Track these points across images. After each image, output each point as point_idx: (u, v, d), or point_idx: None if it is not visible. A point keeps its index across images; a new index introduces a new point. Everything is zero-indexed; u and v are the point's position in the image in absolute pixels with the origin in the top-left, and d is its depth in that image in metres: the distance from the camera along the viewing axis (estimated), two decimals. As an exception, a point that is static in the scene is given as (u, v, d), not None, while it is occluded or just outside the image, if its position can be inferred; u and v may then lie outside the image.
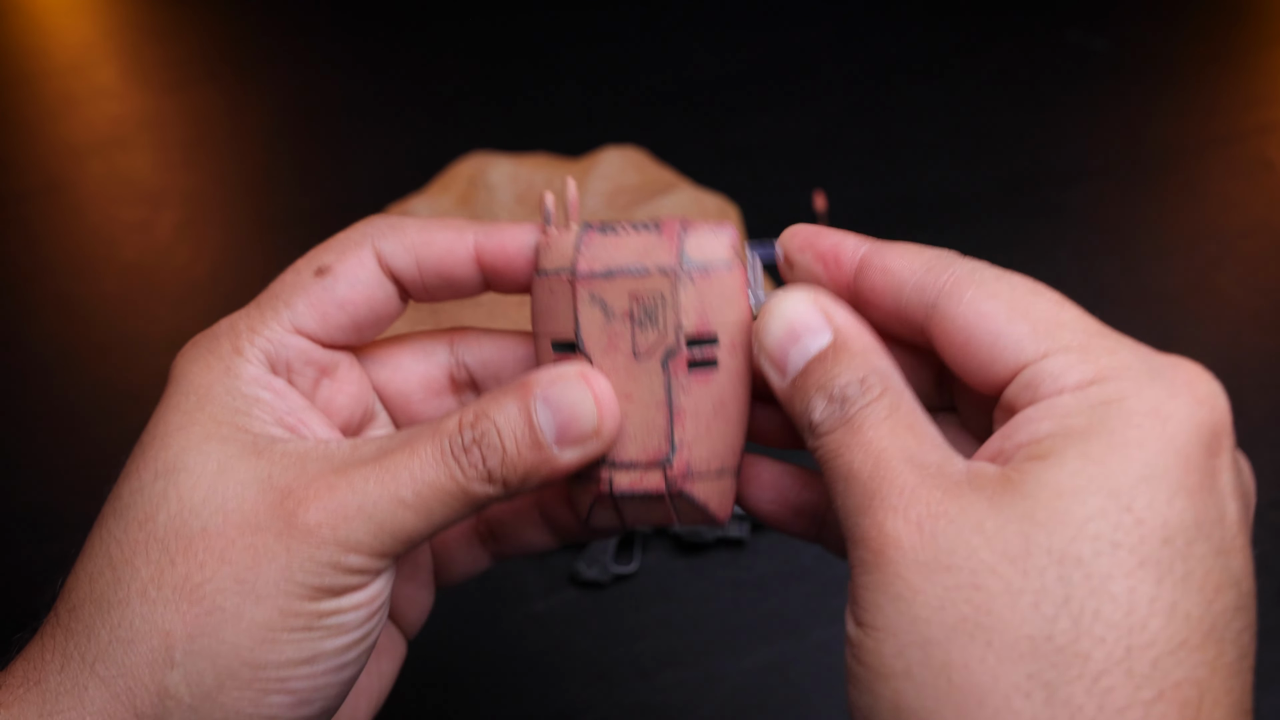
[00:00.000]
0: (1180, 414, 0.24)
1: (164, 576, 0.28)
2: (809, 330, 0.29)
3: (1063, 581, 0.22)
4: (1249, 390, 0.67)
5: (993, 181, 0.82)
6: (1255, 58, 0.92)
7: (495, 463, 0.30)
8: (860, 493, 0.25)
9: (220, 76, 0.98)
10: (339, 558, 0.28)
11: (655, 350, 0.31)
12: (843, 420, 0.27)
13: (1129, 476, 0.23)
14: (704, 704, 0.55)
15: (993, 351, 0.26)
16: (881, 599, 0.24)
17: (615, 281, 0.31)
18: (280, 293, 0.32)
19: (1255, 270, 0.74)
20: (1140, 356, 0.25)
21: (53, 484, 0.66)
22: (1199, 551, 0.23)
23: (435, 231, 0.33)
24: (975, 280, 0.27)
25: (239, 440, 0.30)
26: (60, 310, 0.77)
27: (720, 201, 0.77)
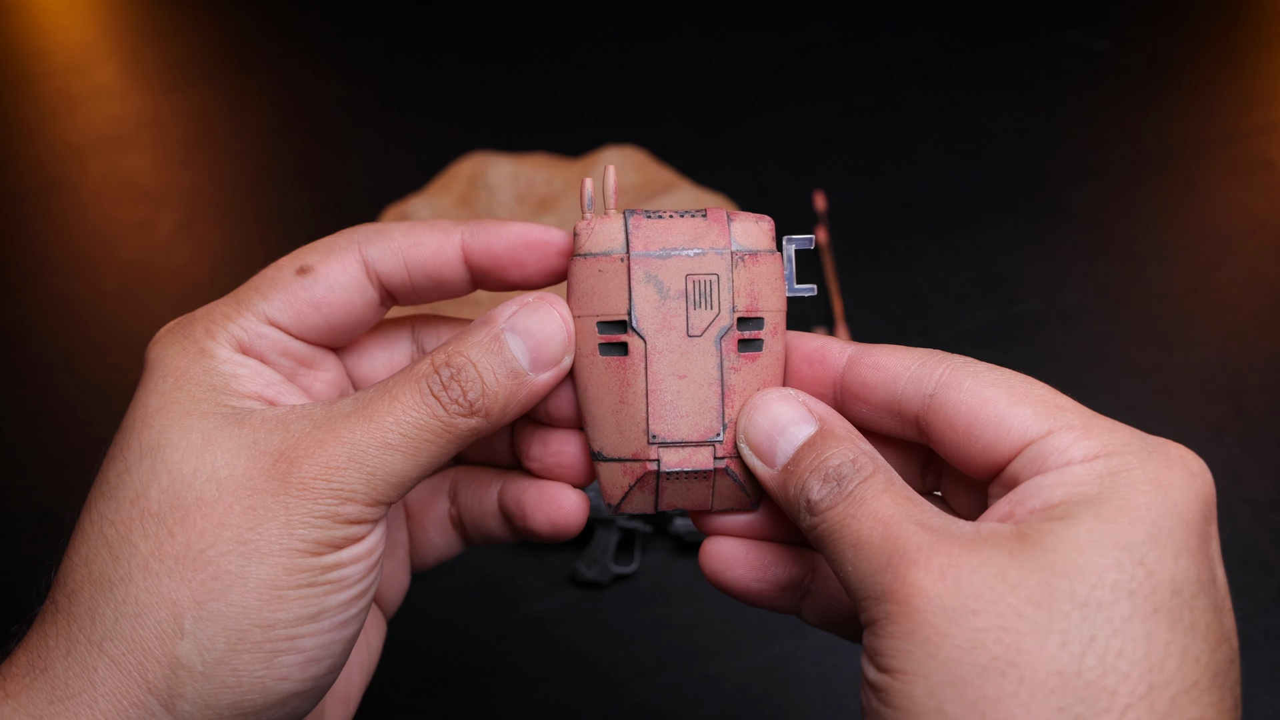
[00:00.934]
0: (1179, 484, 0.26)
1: (164, 548, 0.29)
2: (794, 421, 0.31)
3: (1087, 623, 0.24)
4: (1249, 390, 0.67)
5: (993, 181, 0.82)
6: (1255, 58, 0.92)
7: (475, 394, 0.31)
8: (874, 555, 0.27)
9: (220, 76, 0.98)
10: (336, 508, 0.29)
11: (710, 329, 0.32)
12: (843, 496, 0.28)
13: (1139, 535, 0.25)
14: (704, 704, 0.55)
15: (998, 432, 0.28)
16: (910, 645, 0.25)
17: (671, 262, 0.32)
18: (259, 285, 0.33)
19: (1255, 270, 0.74)
20: (1137, 435, 0.28)
21: (53, 484, 0.66)
22: (1201, 605, 0.25)
23: (422, 234, 0.33)
24: (971, 371, 0.30)
25: (219, 413, 0.30)
26: (60, 310, 0.77)
27: (720, 201, 0.77)
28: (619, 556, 0.60)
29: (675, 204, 0.74)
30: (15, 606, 0.61)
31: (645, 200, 0.74)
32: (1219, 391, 0.67)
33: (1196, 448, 0.29)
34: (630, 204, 0.74)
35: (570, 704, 0.55)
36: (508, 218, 0.73)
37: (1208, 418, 0.65)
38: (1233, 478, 0.62)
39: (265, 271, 0.33)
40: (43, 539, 0.63)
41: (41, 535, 0.63)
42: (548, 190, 0.76)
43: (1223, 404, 0.66)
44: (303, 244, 0.34)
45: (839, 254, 0.76)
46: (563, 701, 0.55)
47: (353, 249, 0.33)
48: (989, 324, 0.72)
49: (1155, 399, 0.66)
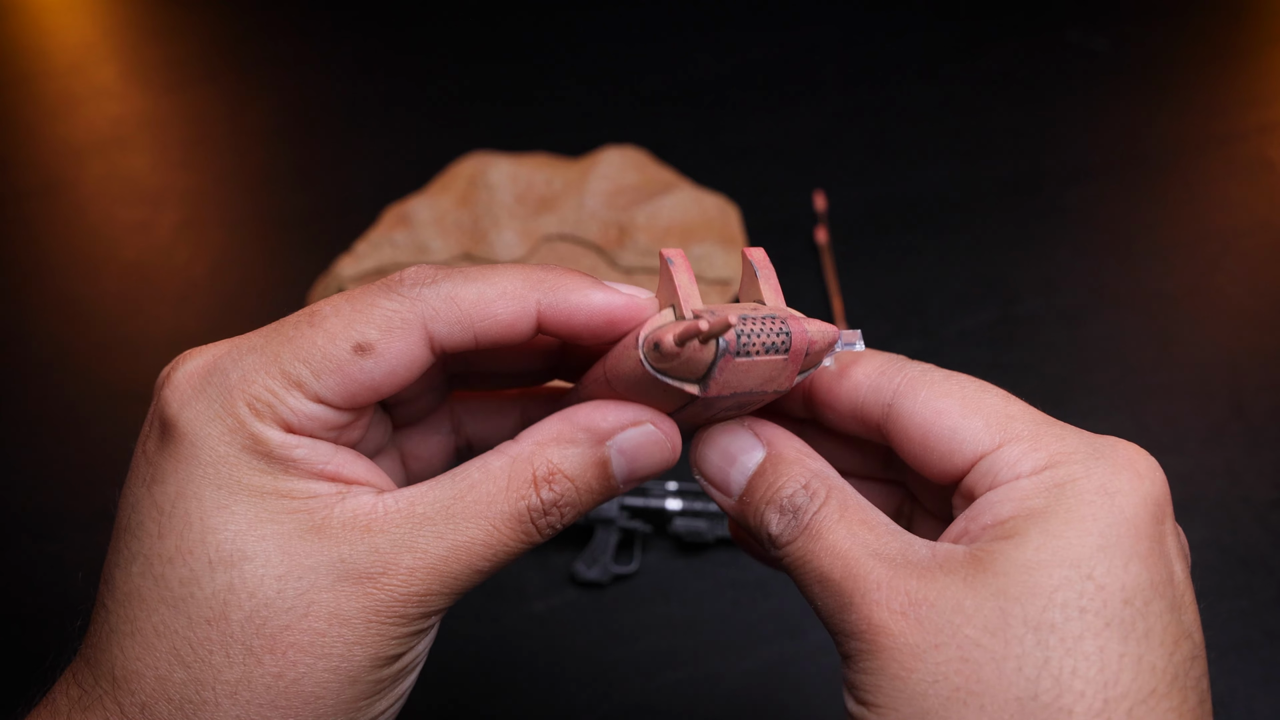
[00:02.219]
0: (1125, 489, 0.27)
1: (253, 677, 0.28)
2: (742, 449, 0.31)
3: (1040, 646, 0.25)
4: (1249, 390, 0.67)
5: (993, 181, 0.82)
6: (1255, 58, 0.92)
7: (571, 517, 0.31)
8: (837, 594, 0.28)
9: (220, 76, 0.98)
10: (421, 625, 0.30)
11: (729, 415, 0.32)
12: (800, 529, 0.29)
13: (1087, 548, 0.26)
14: (704, 704, 0.55)
15: (950, 445, 0.29)
16: (881, 681, 0.26)
17: (734, 399, 0.31)
18: (310, 358, 0.29)
19: (1255, 270, 0.74)
20: (1085, 440, 0.28)
21: (53, 484, 0.66)
22: (1156, 609, 0.26)
23: (495, 302, 0.30)
24: (927, 381, 0.30)
25: (293, 516, 0.29)
26: (60, 310, 0.77)
27: (720, 201, 0.77)
28: (619, 556, 0.60)
29: (675, 204, 0.74)
30: (14, 607, 0.61)
31: (645, 200, 0.74)
32: (1219, 391, 0.67)
33: (1196, 448, 0.29)
34: (630, 204, 0.74)
35: (570, 704, 0.55)
36: (508, 218, 0.73)
37: (1208, 418, 0.65)
38: (1233, 478, 0.62)
39: (314, 337, 0.29)
40: (43, 539, 0.63)
41: (42, 535, 0.63)
42: (548, 190, 0.76)
43: (1223, 404, 0.66)
44: (303, 244, 0.33)
45: (839, 254, 0.76)
46: (563, 701, 0.55)
47: (417, 324, 0.29)
48: (989, 324, 0.72)
49: (1155, 399, 0.66)
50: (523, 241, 0.73)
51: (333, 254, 0.76)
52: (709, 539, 0.60)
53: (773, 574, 0.59)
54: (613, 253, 0.72)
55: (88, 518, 0.64)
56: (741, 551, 0.60)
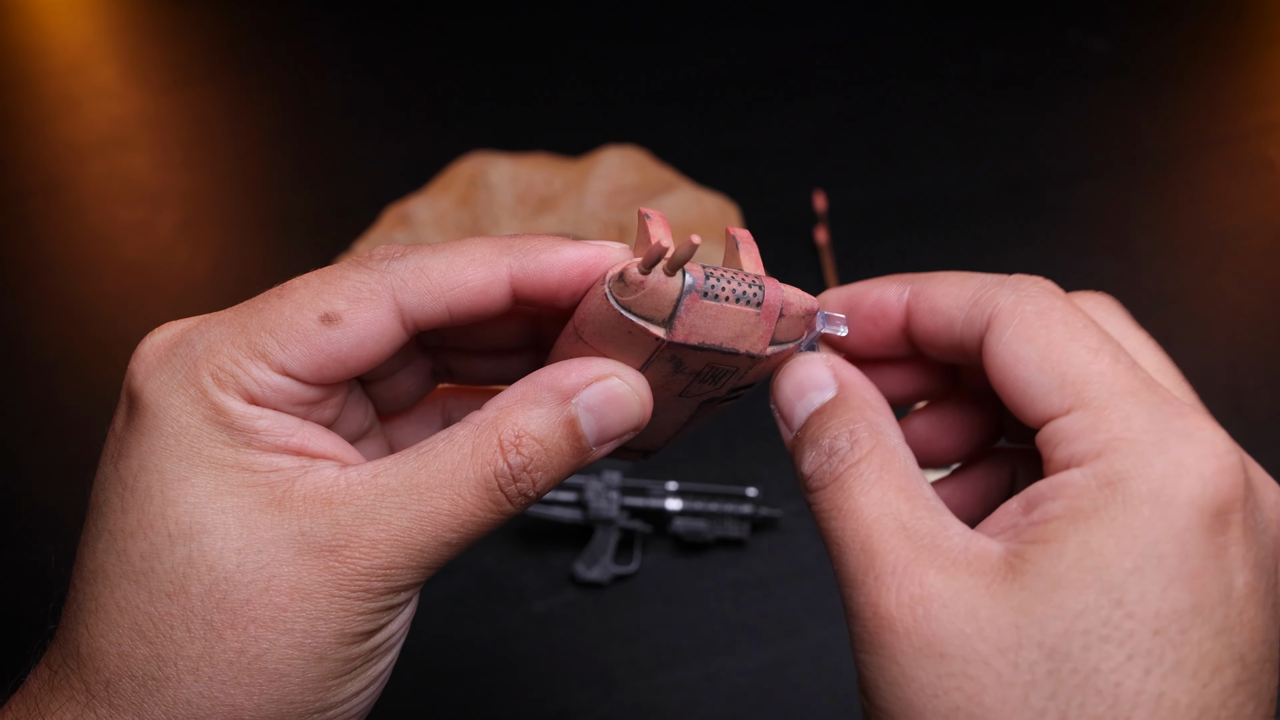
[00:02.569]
0: (1180, 497, 0.24)
1: (215, 652, 0.27)
2: (815, 386, 0.30)
3: (1051, 676, 0.23)
4: (1249, 390, 0.67)
5: (993, 181, 0.82)
6: (1255, 58, 0.92)
7: (543, 484, 0.29)
8: (853, 564, 0.26)
9: (220, 76, 0.98)
10: (389, 601, 0.29)
11: (701, 397, 0.32)
12: (832, 477, 0.27)
13: (1123, 568, 0.24)
14: (704, 704, 0.55)
15: (1024, 399, 0.27)
16: (880, 681, 0.25)
17: (701, 354, 0.30)
18: (275, 329, 0.28)
19: (1255, 270, 0.74)
20: (1157, 423, 0.25)
21: (53, 484, 0.66)
22: (1195, 637, 0.23)
23: (464, 269, 0.29)
24: (1016, 318, 0.27)
25: (254, 489, 0.28)
26: (60, 310, 0.77)
27: (720, 201, 0.77)
28: (619, 556, 0.60)
29: (675, 204, 0.74)
30: (13, 607, 0.61)
31: (645, 200, 0.74)
32: (1219, 391, 0.67)
33: None
34: (630, 204, 0.74)
35: (570, 704, 0.55)
36: (508, 218, 0.73)
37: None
38: (1233, 478, 0.62)
39: (282, 308, 0.29)
40: (43, 539, 0.63)
41: (41, 535, 0.63)
42: (548, 190, 0.76)
43: (1223, 404, 0.66)
44: (303, 244, 0.32)
45: (839, 254, 0.76)
46: (563, 701, 0.55)
47: (386, 295, 0.29)
48: (989, 324, 0.72)
49: (1155, 399, 0.66)
50: (523, 241, 0.73)
51: (333, 254, 0.76)
52: (709, 539, 0.60)
53: (773, 574, 0.59)
54: (613, 253, 0.72)
55: (88, 518, 0.64)
56: (742, 551, 0.60)
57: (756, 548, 0.60)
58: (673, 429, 0.33)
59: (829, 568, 0.61)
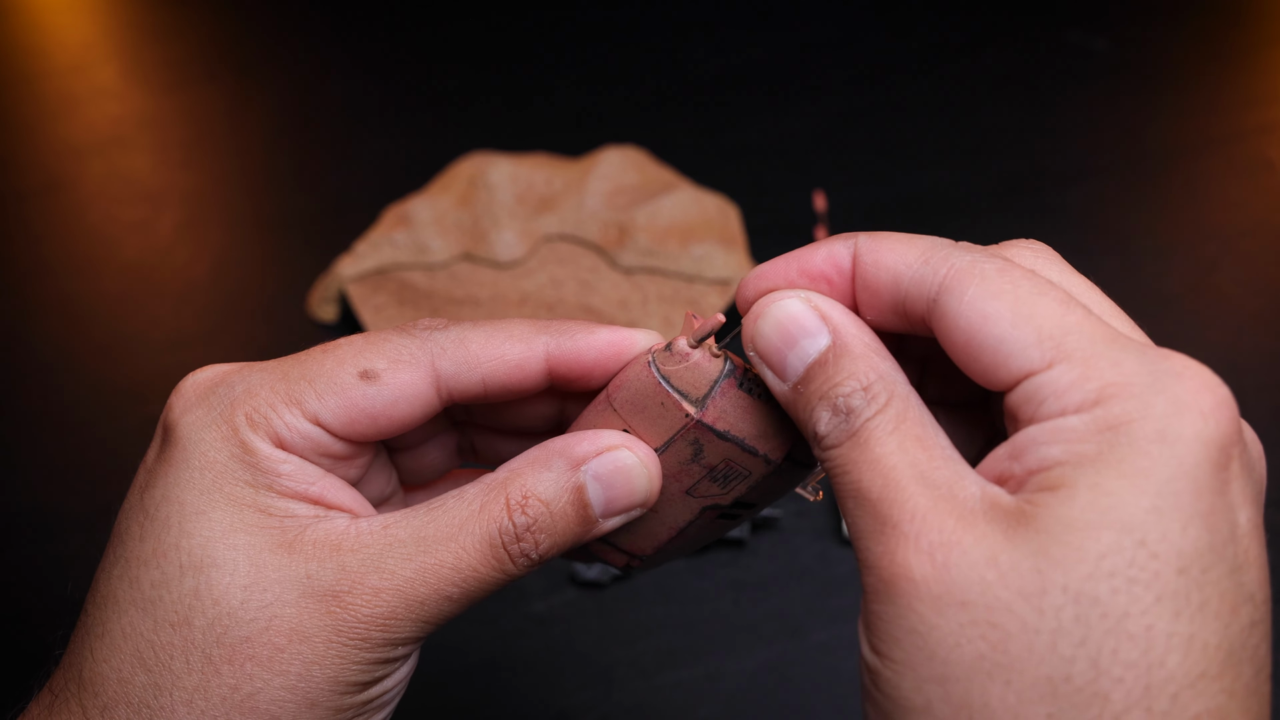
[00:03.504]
0: (1187, 434, 0.23)
1: (210, 686, 0.28)
2: (805, 332, 0.28)
3: (1079, 621, 0.22)
4: (1249, 390, 0.67)
5: (993, 181, 0.82)
6: (1255, 58, 0.92)
7: (546, 547, 0.30)
8: (871, 515, 0.25)
9: (220, 76, 0.98)
10: (387, 654, 0.29)
11: (705, 500, 0.32)
12: (849, 434, 0.26)
13: (1140, 508, 0.23)
14: (704, 704, 0.55)
15: (996, 357, 0.26)
16: (897, 631, 0.24)
17: (724, 445, 0.30)
18: (314, 379, 0.30)
19: (1255, 270, 0.74)
20: (1146, 366, 0.24)
21: (53, 484, 0.66)
22: (1214, 576, 0.23)
23: (503, 344, 0.30)
24: (977, 276, 0.26)
25: (267, 531, 0.29)
26: (60, 310, 0.77)
27: (720, 201, 0.77)
28: (619, 556, 0.60)
29: (675, 204, 0.74)
30: (12, 607, 0.61)
31: (645, 200, 0.74)
32: (1219, 391, 0.67)
33: None
34: (630, 204, 0.74)
35: (570, 704, 0.55)
36: (508, 218, 0.73)
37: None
38: (1232, 478, 0.62)
39: (324, 361, 0.30)
40: (43, 539, 0.63)
41: (42, 535, 0.63)
42: (548, 190, 0.76)
43: (1222, 404, 0.66)
44: (303, 244, 0.33)
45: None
46: (563, 701, 0.55)
47: (425, 360, 0.30)
48: (989, 324, 0.72)
49: (1155, 399, 0.66)
50: (523, 241, 0.73)
51: (333, 254, 0.76)
52: (709, 539, 0.60)
53: (773, 574, 0.59)
54: (613, 253, 0.72)
55: (88, 518, 0.64)
56: (742, 551, 0.60)
57: (756, 548, 0.60)
58: (667, 534, 0.33)
59: (829, 568, 0.61)
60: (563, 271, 0.72)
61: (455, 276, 0.72)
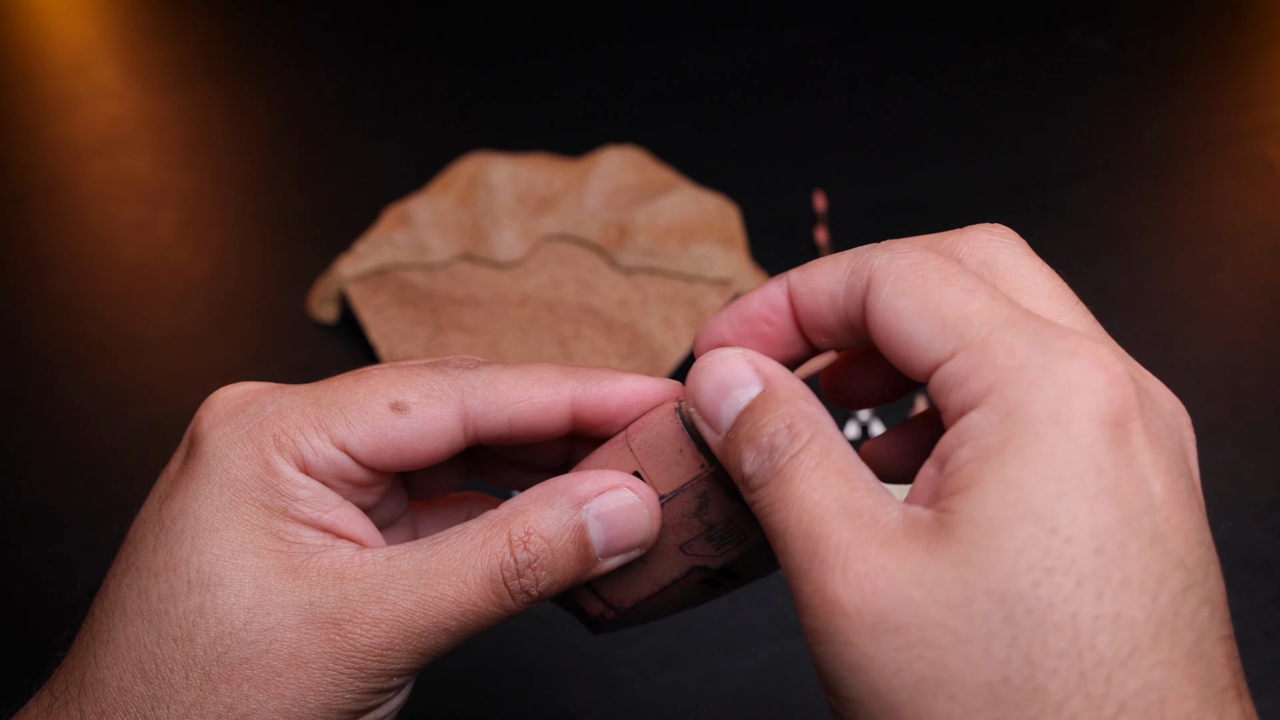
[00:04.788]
0: (1079, 412, 0.23)
1: (206, 703, 0.28)
2: (739, 383, 0.29)
3: (1008, 621, 0.23)
4: (1249, 390, 0.67)
5: (993, 181, 0.82)
6: (1255, 58, 0.92)
7: (546, 584, 0.30)
8: (798, 552, 0.25)
9: (220, 76, 0.98)
10: (382, 685, 0.29)
11: (696, 559, 0.32)
12: (773, 472, 0.27)
13: (1046, 494, 0.23)
14: (704, 704, 0.55)
15: (909, 351, 0.26)
16: (840, 670, 0.24)
17: (729, 504, 0.31)
18: (346, 405, 0.30)
19: (1255, 270, 0.74)
20: (1039, 348, 0.24)
21: (53, 484, 0.66)
22: (1132, 550, 0.23)
23: (531, 388, 0.31)
24: (891, 274, 0.27)
25: (275, 555, 0.29)
26: (60, 310, 0.77)
27: (720, 201, 0.77)
28: (619, 556, 0.60)
29: (675, 204, 0.74)
30: (11, 608, 0.61)
31: (645, 200, 0.74)
32: (1219, 391, 0.67)
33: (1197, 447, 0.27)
34: (630, 204, 0.74)
35: (570, 704, 0.55)
36: (508, 218, 0.73)
37: (1208, 418, 0.65)
38: (1233, 478, 0.62)
39: (356, 390, 0.31)
40: (43, 539, 0.63)
41: (42, 535, 0.63)
42: (548, 190, 0.76)
43: (1223, 404, 0.66)
44: (303, 244, 0.33)
45: (839, 254, 0.76)
46: (563, 701, 0.55)
47: (455, 396, 0.31)
48: (989, 324, 0.72)
49: (1155, 399, 0.66)
50: (523, 241, 0.73)
51: (333, 254, 0.76)
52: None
53: (773, 574, 0.59)
54: (613, 253, 0.72)
55: (88, 518, 0.64)
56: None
57: (756, 548, 0.60)
58: (650, 589, 0.33)
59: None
60: (563, 271, 0.72)
61: (455, 276, 0.72)
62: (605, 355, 0.67)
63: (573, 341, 0.68)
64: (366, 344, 0.71)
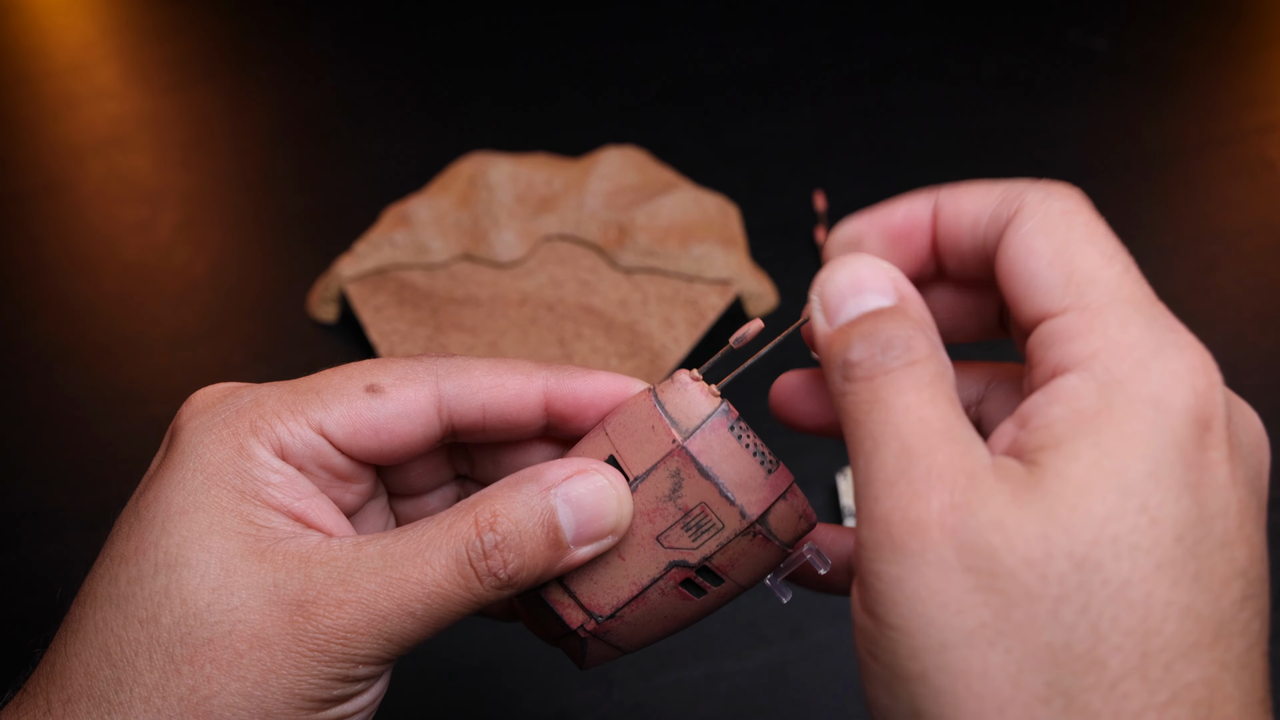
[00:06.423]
0: (1177, 405, 0.23)
1: (169, 685, 0.28)
2: (873, 290, 0.28)
3: (1082, 588, 0.22)
4: (1249, 390, 0.66)
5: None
6: (1255, 58, 0.92)
7: (514, 568, 0.30)
8: (889, 462, 0.24)
9: (220, 76, 0.97)
10: (348, 671, 0.29)
11: (673, 554, 0.31)
12: (883, 370, 0.25)
13: (1140, 472, 0.23)
14: (704, 704, 0.55)
15: (1026, 292, 0.26)
16: (897, 595, 0.23)
17: (703, 484, 0.30)
18: (322, 390, 0.31)
19: (1255, 270, 0.74)
20: (1153, 333, 0.24)
21: (53, 484, 0.66)
22: (1205, 548, 0.23)
23: (504, 375, 0.32)
24: (1041, 211, 0.26)
25: (243, 537, 0.29)
26: (60, 310, 0.77)
27: (720, 201, 0.77)
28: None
29: (675, 204, 0.74)
30: (11, 608, 0.61)
31: (645, 200, 0.74)
32: (1219, 391, 0.67)
33: None
34: (630, 204, 0.74)
35: (570, 704, 0.55)
36: (508, 218, 0.73)
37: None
38: (1233, 478, 0.62)
39: (332, 377, 0.31)
40: (43, 539, 0.63)
41: (42, 535, 0.63)
42: (548, 190, 0.76)
43: (1223, 404, 0.66)
44: (303, 244, 0.33)
45: (839, 254, 0.76)
46: (563, 701, 0.55)
47: (429, 379, 0.31)
48: (989, 324, 0.72)
49: (1155, 399, 0.66)
50: (523, 241, 0.73)
51: (333, 254, 0.76)
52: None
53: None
54: (613, 253, 0.72)
55: (88, 518, 0.64)
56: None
57: (756, 548, 0.60)
58: (629, 590, 0.32)
59: (829, 568, 0.61)
60: (563, 271, 0.72)
61: (455, 276, 0.72)
62: (605, 355, 0.67)
63: (573, 341, 0.68)
64: (366, 344, 0.71)
